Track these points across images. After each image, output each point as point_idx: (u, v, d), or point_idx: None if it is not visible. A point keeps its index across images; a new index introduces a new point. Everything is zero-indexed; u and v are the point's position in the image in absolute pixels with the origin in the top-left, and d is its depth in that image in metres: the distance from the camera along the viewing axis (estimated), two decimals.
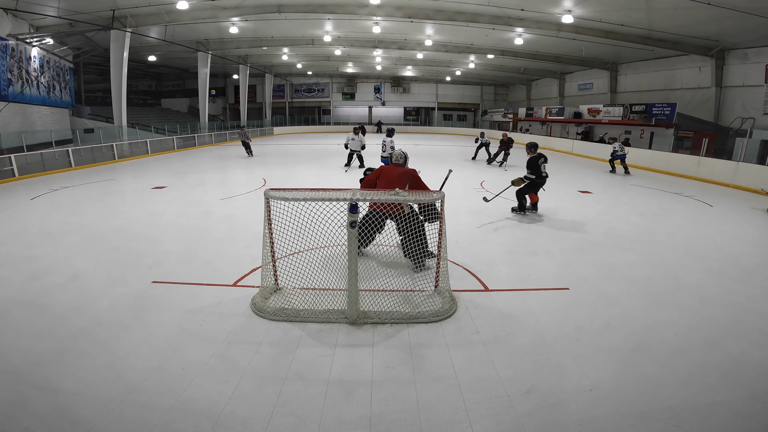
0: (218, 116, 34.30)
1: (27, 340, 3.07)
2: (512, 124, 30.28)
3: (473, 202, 8.07)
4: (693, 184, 10.97)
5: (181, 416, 2.34)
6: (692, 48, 15.87)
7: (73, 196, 8.35)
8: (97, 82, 28.28)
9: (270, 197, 3.46)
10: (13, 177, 10.30)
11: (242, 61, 27.82)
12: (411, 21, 16.08)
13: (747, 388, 2.62)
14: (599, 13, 13.94)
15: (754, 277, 4.48)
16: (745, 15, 11.72)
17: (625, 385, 2.65)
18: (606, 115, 20.23)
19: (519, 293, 3.98)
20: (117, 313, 3.50)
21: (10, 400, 2.43)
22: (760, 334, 3.29)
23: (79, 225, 6.18)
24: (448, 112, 38.45)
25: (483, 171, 12.05)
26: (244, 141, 15.95)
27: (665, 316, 3.56)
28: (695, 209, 7.91)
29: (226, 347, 3.03)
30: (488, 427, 2.30)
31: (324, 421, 2.33)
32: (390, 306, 3.57)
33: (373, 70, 32.05)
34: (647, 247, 5.46)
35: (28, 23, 15.04)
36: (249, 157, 15.66)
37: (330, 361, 2.88)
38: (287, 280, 3.90)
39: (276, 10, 15.34)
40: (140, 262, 4.67)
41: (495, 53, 21.99)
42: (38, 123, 16.61)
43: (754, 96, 15.04)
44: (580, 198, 8.76)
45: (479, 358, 2.94)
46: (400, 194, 3.41)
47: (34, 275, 4.26)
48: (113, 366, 2.78)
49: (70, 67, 19.94)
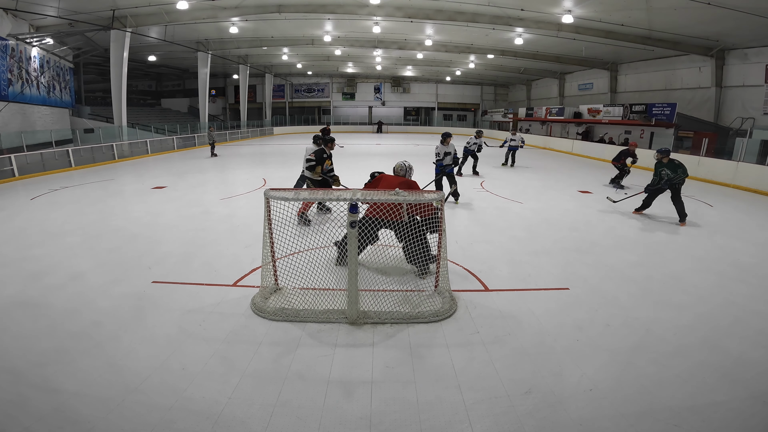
0: (218, 116, 34.30)
1: (27, 340, 3.07)
2: (512, 124, 30.27)
3: (473, 201, 8.08)
4: (693, 184, 10.94)
5: (181, 416, 2.34)
6: (692, 48, 15.87)
7: (73, 196, 8.35)
8: (97, 82, 28.28)
9: (270, 197, 3.46)
10: (13, 177, 10.30)
11: (242, 61, 27.81)
12: (411, 21, 16.07)
13: (747, 388, 2.62)
14: (599, 13, 13.94)
15: (754, 277, 4.48)
16: (745, 15, 11.72)
17: (625, 385, 2.65)
18: (606, 115, 20.22)
19: (519, 293, 3.98)
20: (117, 313, 3.50)
21: (10, 400, 2.43)
22: (760, 334, 3.29)
23: (79, 225, 6.18)
24: (448, 112, 38.44)
25: (483, 171, 12.03)
26: (210, 142, 15.69)
27: (665, 316, 3.56)
28: (695, 209, 7.90)
29: (226, 347, 3.03)
30: (488, 427, 2.30)
31: (324, 421, 2.33)
32: (390, 306, 3.57)
33: (373, 70, 32.04)
34: (647, 247, 5.46)
35: (28, 23, 15.03)
36: (213, 157, 15.37)
37: (330, 361, 2.88)
38: (287, 280, 3.90)
39: (276, 10, 15.33)
40: (140, 262, 4.67)
41: (495, 53, 21.98)
42: (38, 123, 16.61)
43: (754, 96, 15.03)
44: (580, 198, 8.77)
45: (479, 358, 2.94)
46: (400, 194, 3.41)
47: (34, 275, 4.26)
48: (113, 366, 2.78)
49: (70, 67, 19.93)
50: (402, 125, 37.28)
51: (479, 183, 10.22)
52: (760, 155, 10.86)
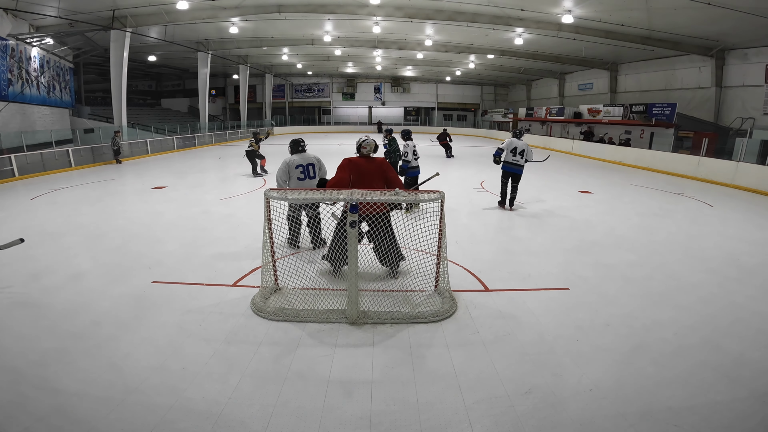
0: (218, 116, 34.29)
1: (27, 340, 3.07)
2: (512, 124, 30.27)
3: (473, 202, 8.08)
4: (693, 184, 10.97)
5: (181, 416, 2.34)
6: (692, 48, 15.87)
7: (73, 196, 8.35)
8: (97, 82, 28.27)
9: (270, 197, 3.46)
10: (13, 177, 10.30)
11: (242, 61, 27.81)
12: (411, 21, 16.07)
13: (747, 388, 2.62)
14: (599, 13, 13.94)
15: (754, 277, 4.48)
16: (745, 15, 11.72)
17: (625, 385, 2.65)
18: (606, 115, 20.22)
19: (519, 293, 3.98)
20: (117, 313, 3.50)
21: (10, 400, 2.43)
22: (760, 334, 3.29)
23: (79, 225, 6.18)
24: (448, 112, 38.45)
25: (483, 171, 12.04)
26: (114, 147, 13.71)
27: (665, 316, 3.56)
28: (695, 209, 7.91)
29: (226, 347, 3.03)
30: (488, 427, 2.30)
31: (324, 421, 2.33)
32: (390, 306, 3.56)
33: (373, 70, 32.04)
34: (647, 247, 5.46)
35: (28, 23, 15.03)
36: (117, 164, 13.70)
37: (330, 361, 2.88)
38: (287, 280, 3.90)
39: (276, 10, 15.34)
40: (140, 262, 4.67)
41: (495, 53, 21.98)
42: (38, 123, 16.60)
43: (754, 96, 15.03)
44: (580, 198, 8.76)
45: (479, 358, 2.94)
46: (400, 194, 3.40)
47: (34, 275, 4.26)
48: (113, 366, 2.78)
49: (70, 67, 19.93)
50: (402, 125, 37.28)
51: (479, 183, 10.22)
52: (760, 155, 10.85)
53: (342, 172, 4.00)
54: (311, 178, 4.87)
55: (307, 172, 4.87)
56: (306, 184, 4.82)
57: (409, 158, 6.86)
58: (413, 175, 7.05)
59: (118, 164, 13.69)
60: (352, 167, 4.02)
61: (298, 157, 4.93)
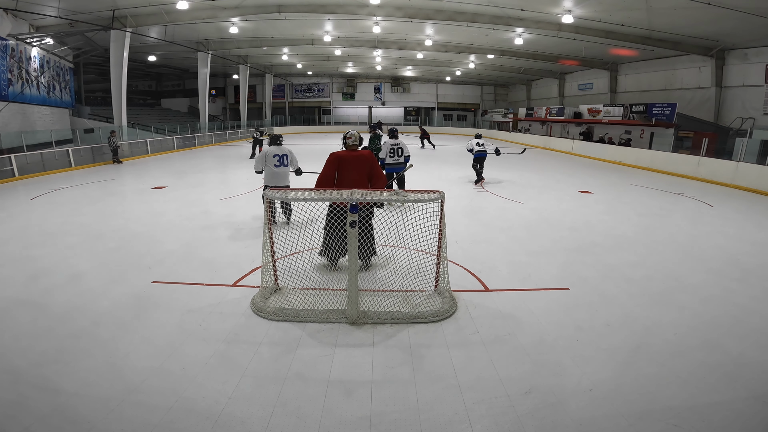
0: (218, 116, 34.30)
1: (27, 340, 3.07)
2: (512, 124, 30.27)
3: (473, 201, 8.08)
4: (693, 184, 10.96)
5: (181, 416, 2.34)
6: (692, 48, 15.87)
7: (73, 196, 8.35)
8: (97, 82, 28.26)
9: (270, 197, 3.47)
10: (13, 177, 10.30)
11: (242, 61, 27.81)
12: (411, 21, 16.07)
13: (747, 389, 2.62)
14: (599, 13, 13.94)
15: (754, 277, 4.47)
16: (745, 15, 11.72)
17: (625, 385, 2.65)
18: (606, 115, 20.22)
19: (519, 293, 3.98)
20: (117, 313, 3.50)
21: (10, 400, 2.43)
22: (760, 334, 3.29)
23: (79, 225, 6.18)
24: (448, 112, 38.44)
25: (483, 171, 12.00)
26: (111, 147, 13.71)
27: (665, 316, 3.56)
28: (695, 209, 7.91)
29: (226, 347, 3.03)
30: (488, 427, 2.30)
31: (324, 421, 2.33)
32: (390, 306, 3.56)
33: (373, 70, 32.04)
34: (647, 247, 5.45)
35: (28, 23, 15.03)
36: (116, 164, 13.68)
37: (330, 361, 2.88)
38: (287, 280, 3.90)
39: (276, 10, 15.34)
40: (140, 262, 4.67)
41: (495, 53, 21.98)
42: (38, 123, 16.60)
43: (754, 96, 15.03)
44: (580, 198, 8.76)
45: (479, 358, 2.94)
46: (400, 194, 3.41)
47: (34, 275, 4.26)
48: (113, 366, 2.78)
49: (70, 67, 19.93)
50: (402, 125, 37.26)
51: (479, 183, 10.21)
52: (760, 155, 10.84)
53: (329, 168, 4.24)
54: (285, 166, 6.11)
55: (282, 160, 6.09)
56: (281, 170, 6.07)
57: (383, 155, 7.41)
58: (389, 171, 7.48)
59: (117, 164, 13.70)
60: (338, 161, 4.26)
61: (276, 149, 6.11)
